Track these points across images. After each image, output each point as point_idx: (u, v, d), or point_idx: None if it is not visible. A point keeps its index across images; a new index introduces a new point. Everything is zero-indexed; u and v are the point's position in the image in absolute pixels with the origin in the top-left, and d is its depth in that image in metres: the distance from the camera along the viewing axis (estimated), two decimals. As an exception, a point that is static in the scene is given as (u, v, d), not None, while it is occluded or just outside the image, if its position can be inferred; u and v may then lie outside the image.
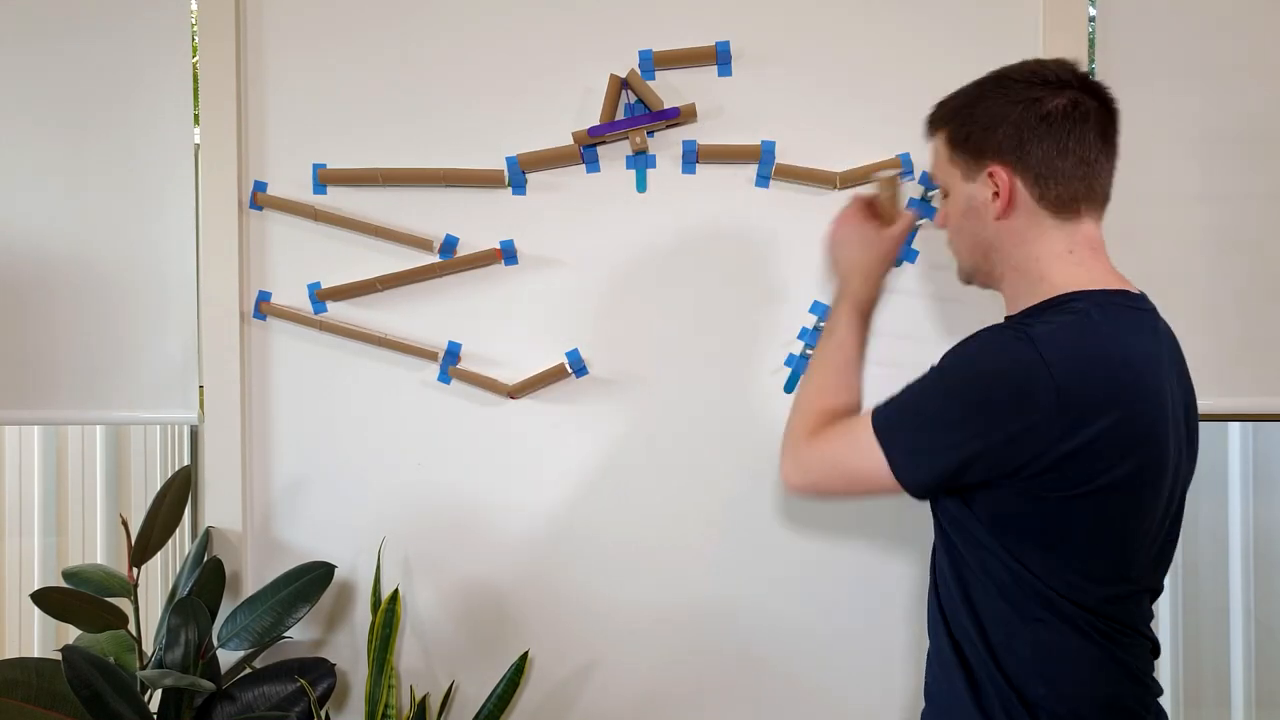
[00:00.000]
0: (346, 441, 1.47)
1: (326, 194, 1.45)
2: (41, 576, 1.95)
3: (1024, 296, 0.99)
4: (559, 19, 1.42)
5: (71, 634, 1.38)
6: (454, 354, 1.44)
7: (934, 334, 1.40)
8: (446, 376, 1.45)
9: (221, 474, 1.46)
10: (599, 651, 1.46)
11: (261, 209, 1.46)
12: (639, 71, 1.39)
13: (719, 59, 1.39)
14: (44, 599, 1.26)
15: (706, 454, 1.43)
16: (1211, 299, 1.44)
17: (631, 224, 1.42)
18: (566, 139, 1.40)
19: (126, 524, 1.39)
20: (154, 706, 1.26)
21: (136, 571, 1.36)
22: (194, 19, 1.47)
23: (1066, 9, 1.37)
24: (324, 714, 1.33)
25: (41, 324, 1.51)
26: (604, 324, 1.43)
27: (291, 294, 1.47)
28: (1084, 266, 0.96)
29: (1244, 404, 1.45)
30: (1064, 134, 0.94)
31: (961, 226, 1.04)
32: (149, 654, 1.36)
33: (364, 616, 1.47)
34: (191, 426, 1.78)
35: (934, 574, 1.06)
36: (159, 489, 1.38)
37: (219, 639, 1.35)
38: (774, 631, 1.44)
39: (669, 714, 1.46)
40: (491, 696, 1.39)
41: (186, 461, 1.91)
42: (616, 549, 1.45)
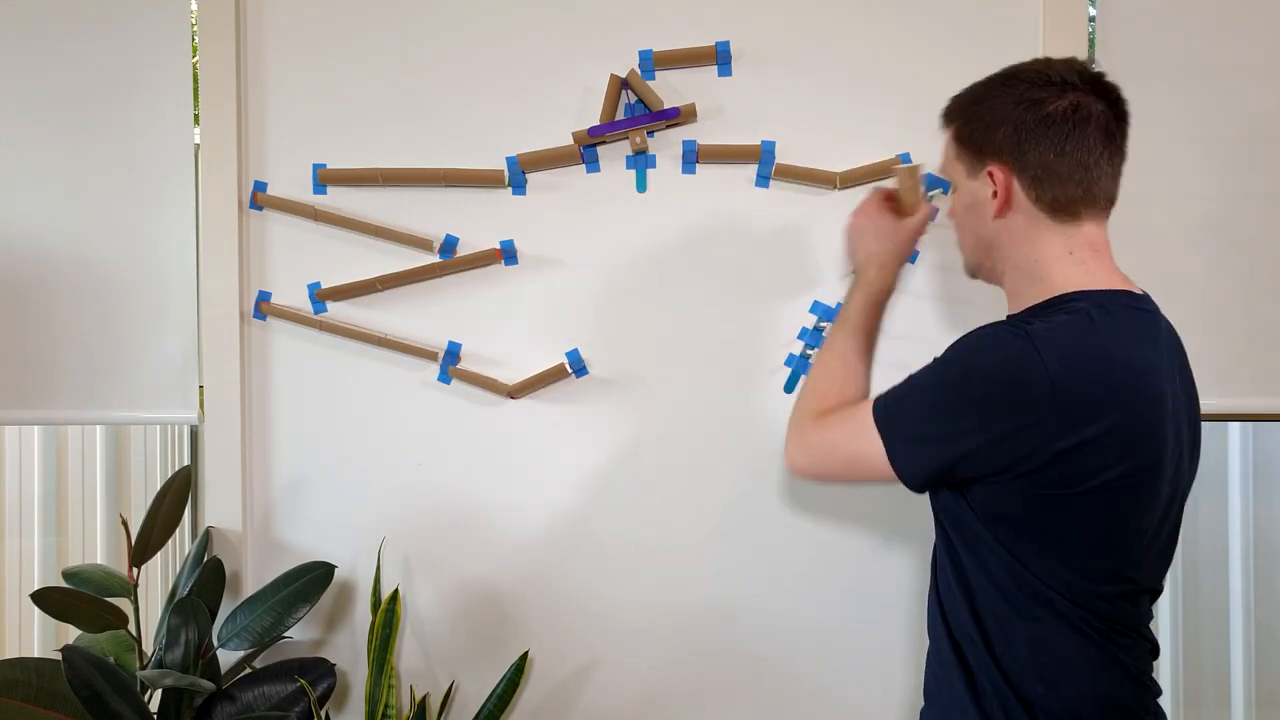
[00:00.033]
0: (346, 441, 1.47)
1: (326, 194, 1.45)
2: (41, 576, 1.95)
3: (1025, 295, 0.99)
4: (559, 19, 1.42)
5: (71, 634, 1.38)
6: (454, 354, 1.44)
7: (935, 334, 1.40)
8: (446, 376, 1.45)
9: (221, 474, 1.46)
10: (599, 651, 1.46)
11: (261, 209, 1.46)
12: (639, 71, 1.39)
13: (719, 59, 1.39)
14: (44, 599, 1.26)
15: (706, 454, 1.43)
16: (1211, 299, 1.44)
17: (631, 224, 1.42)
18: (566, 139, 1.40)
19: (126, 524, 1.39)
20: (154, 706, 1.26)
21: (136, 571, 1.36)
22: (194, 19, 1.47)
23: (1066, 9, 1.37)
24: (324, 714, 1.33)
25: (41, 324, 1.51)
26: (604, 324, 1.43)
27: (291, 294, 1.47)
28: (1085, 267, 0.95)
29: (1244, 404, 1.45)
30: (1062, 137, 0.94)
31: (964, 222, 1.05)
32: (149, 654, 1.36)
33: (364, 616, 1.47)
34: (191, 426, 1.78)
35: (935, 573, 1.06)
36: (159, 489, 1.38)
37: (219, 639, 1.35)
38: (774, 631, 1.44)
39: (669, 714, 1.46)
40: (491, 696, 1.39)
41: (186, 461, 1.91)
42: (616, 549, 1.45)
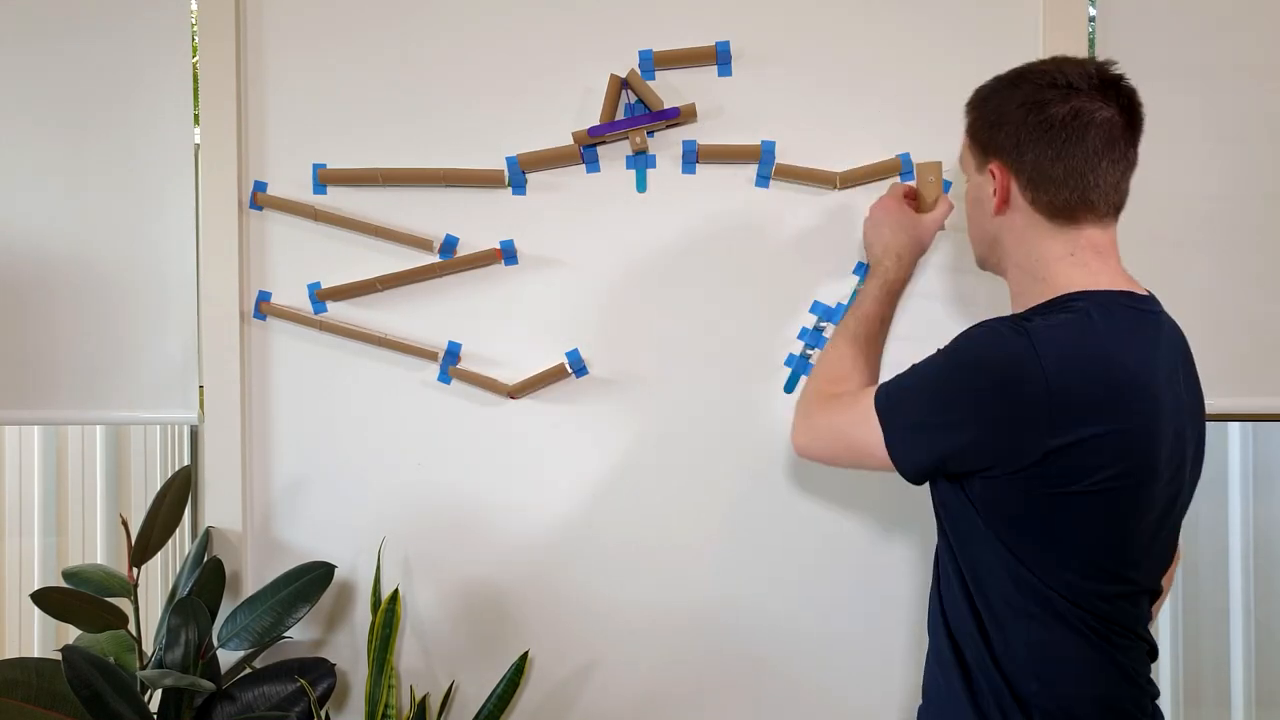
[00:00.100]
0: (346, 441, 1.47)
1: (326, 194, 1.45)
2: (41, 576, 1.95)
3: (1027, 295, 0.99)
4: (559, 19, 1.42)
5: (71, 634, 1.38)
6: (454, 354, 1.44)
7: (936, 335, 1.39)
8: (446, 376, 1.45)
9: (221, 474, 1.46)
10: (599, 651, 1.46)
11: (261, 209, 1.46)
12: (639, 71, 1.39)
13: (719, 59, 1.39)
14: (44, 599, 1.26)
15: (706, 454, 1.43)
16: (1211, 299, 1.44)
17: (631, 224, 1.42)
18: (566, 139, 1.40)
19: (126, 524, 1.39)
20: (154, 706, 1.26)
21: (136, 571, 1.36)
22: (194, 19, 1.47)
23: (1066, 9, 1.37)
24: (324, 714, 1.33)
25: (41, 324, 1.51)
26: (604, 324, 1.43)
27: (291, 294, 1.47)
28: (1087, 268, 0.95)
29: (1244, 404, 1.45)
30: (1060, 142, 0.93)
31: (972, 215, 1.07)
32: (149, 654, 1.36)
33: (364, 616, 1.47)
34: (191, 426, 1.79)
35: (936, 573, 1.06)
36: (159, 489, 1.38)
37: (219, 639, 1.35)
38: (774, 631, 1.44)
39: (669, 714, 1.46)
40: (491, 696, 1.39)
41: (186, 461, 1.92)
42: (616, 549, 1.45)
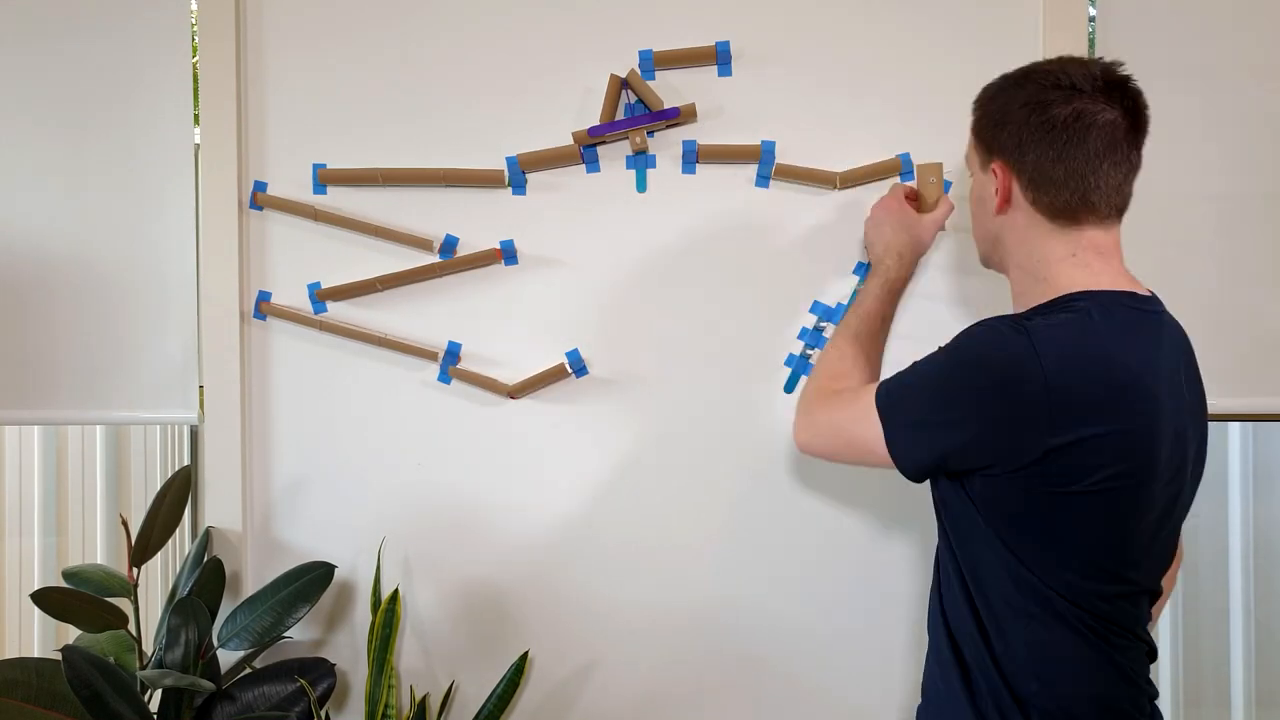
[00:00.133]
0: (346, 441, 1.47)
1: (326, 194, 1.45)
2: (41, 576, 1.96)
3: (1029, 294, 0.99)
4: (559, 19, 1.42)
5: (71, 634, 1.38)
6: (454, 354, 1.44)
7: (936, 335, 1.39)
8: (446, 376, 1.45)
9: (221, 474, 1.46)
10: (599, 651, 1.46)
11: (261, 209, 1.46)
12: (639, 71, 1.39)
13: (719, 59, 1.39)
14: (44, 599, 1.26)
15: (706, 454, 1.43)
16: (1211, 299, 1.44)
17: (631, 224, 1.42)
18: (566, 139, 1.40)
19: (126, 524, 1.39)
20: (154, 706, 1.26)
21: (136, 571, 1.36)
22: (194, 19, 1.47)
23: (1066, 9, 1.37)
24: (324, 714, 1.33)
25: (41, 324, 1.51)
26: (604, 324, 1.43)
27: (291, 294, 1.47)
28: (1089, 269, 0.95)
29: (1244, 404, 1.45)
30: (1061, 144, 0.93)
31: (975, 213, 1.08)
32: (149, 654, 1.36)
33: (364, 616, 1.47)
34: (191, 426, 1.79)
35: (937, 572, 1.06)
36: (159, 489, 1.38)
37: (219, 639, 1.35)
38: (774, 631, 1.44)
39: (669, 714, 1.46)
40: (491, 696, 1.39)
41: (186, 461, 1.92)
42: (616, 549, 1.45)
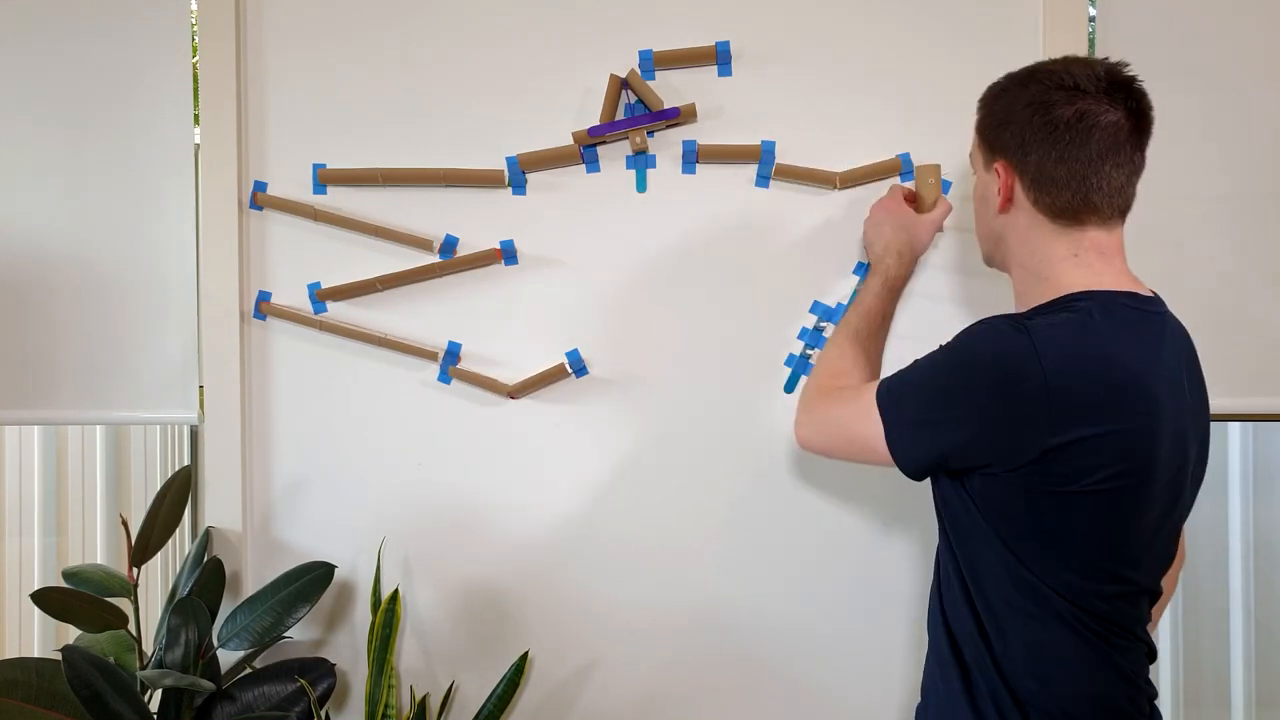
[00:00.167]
0: (346, 441, 1.47)
1: (326, 194, 1.45)
2: (41, 576, 1.96)
3: (1031, 294, 0.99)
4: (559, 19, 1.42)
5: (71, 634, 1.38)
6: (454, 354, 1.44)
7: (936, 335, 1.39)
8: (446, 376, 1.45)
9: (221, 474, 1.46)
10: (599, 651, 1.46)
11: (261, 209, 1.46)
12: (639, 71, 1.39)
13: (719, 59, 1.39)
14: (44, 599, 1.26)
15: (707, 454, 1.43)
16: (1211, 299, 1.44)
17: (631, 224, 1.42)
18: (566, 139, 1.40)
19: (126, 524, 1.39)
20: (154, 706, 1.26)
21: (136, 571, 1.36)
22: (194, 19, 1.47)
23: (1066, 9, 1.37)
24: (324, 714, 1.33)
25: (41, 324, 1.51)
26: (604, 324, 1.43)
27: (291, 294, 1.47)
28: (1090, 269, 0.95)
29: (1244, 404, 1.45)
30: (1064, 144, 0.93)
31: (978, 212, 1.08)
32: (149, 654, 1.36)
33: (364, 616, 1.47)
34: (191, 426, 1.79)
35: (937, 571, 1.06)
36: (159, 489, 1.38)
37: (219, 639, 1.35)
38: (774, 631, 1.44)
39: (669, 714, 1.46)
40: (491, 696, 1.39)
41: (186, 461, 1.92)
42: (616, 549, 1.45)
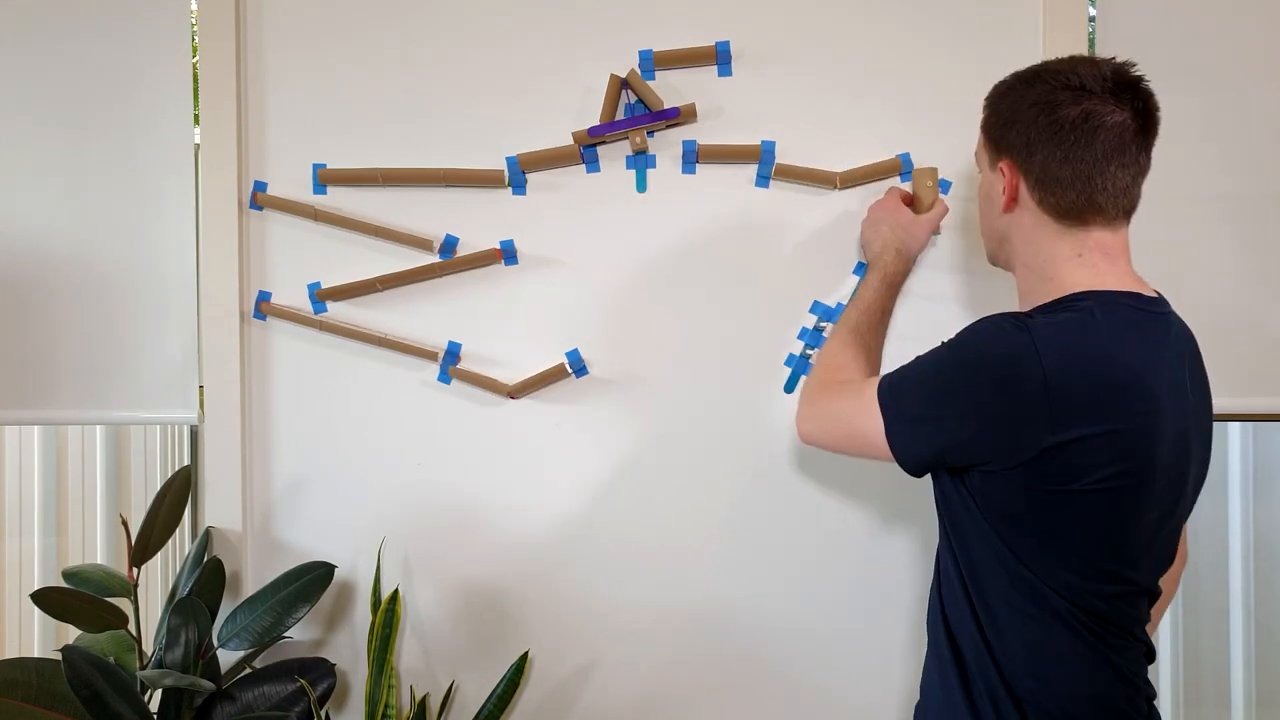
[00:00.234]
0: (346, 441, 1.47)
1: (326, 194, 1.45)
2: (41, 576, 1.96)
3: (1034, 293, 0.99)
4: (559, 19, 1.42)
5: (71, 634, 1.38)
6: (454, 354, 1.44)
7: (936, 335, 1.39)
8: (446, 376, 1.45)
9: (221, 474, 1.46)
10: (599, 651, 1.46)
11: (261, 209, 1.46)
12: (639, 71, 1.39)
13: (719, 59, 1.39)
14: (44, 599, 1.26)
15: (707, 454, 1.43)
16: (1211, 299, 1.44)
17: (631, 224, 1.42)
18: (566, 139, 1.40)
19: (126, 524, 1.39)
20: (154, 706, 1.26)
21: (136, 571, 1.36)
22: (194, 19, 1.47)
23: (1066, 9, 1.37)
24: (324, 714, 1.33)
25: (41, 324, 1.51)
26: (604, 324, 1.43)
27: (291, 294, 1.47)
28: (1094, 269, 0.95)
29: (1244, 404, 1.45)
30: (1069, 145, 0.93)
31: (982, 211, 1.09)
32: (149, 654, 1.36)
33: (364, 616, 1.47)
34: (191, 426, 1.79)
35: (937, 570, 1.06)
36: (159, 489, 1.38)
37: (219, 639, 1.35)
38: (774, 631, 1.44)
39: (669, 714, 1.46)
40: (491, 696, 1.39)
41: (186, 461, 1.92)
42: (616, 549, 1.45)
